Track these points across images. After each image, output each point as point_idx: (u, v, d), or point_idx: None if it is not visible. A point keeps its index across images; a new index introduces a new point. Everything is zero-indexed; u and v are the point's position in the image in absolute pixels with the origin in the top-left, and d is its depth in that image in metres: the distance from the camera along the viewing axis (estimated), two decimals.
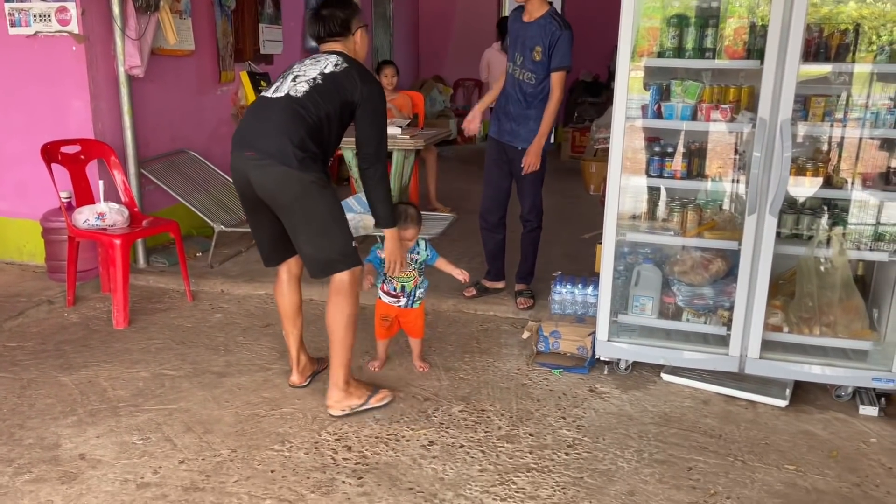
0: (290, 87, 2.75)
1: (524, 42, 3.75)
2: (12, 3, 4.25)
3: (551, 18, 3.69)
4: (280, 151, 2.64)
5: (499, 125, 3.95)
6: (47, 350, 3.52)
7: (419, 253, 3.26)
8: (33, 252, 4.58)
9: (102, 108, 4.43)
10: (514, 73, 3.80)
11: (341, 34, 2.91)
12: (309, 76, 2.77)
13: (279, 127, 2.67)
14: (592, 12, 9.92)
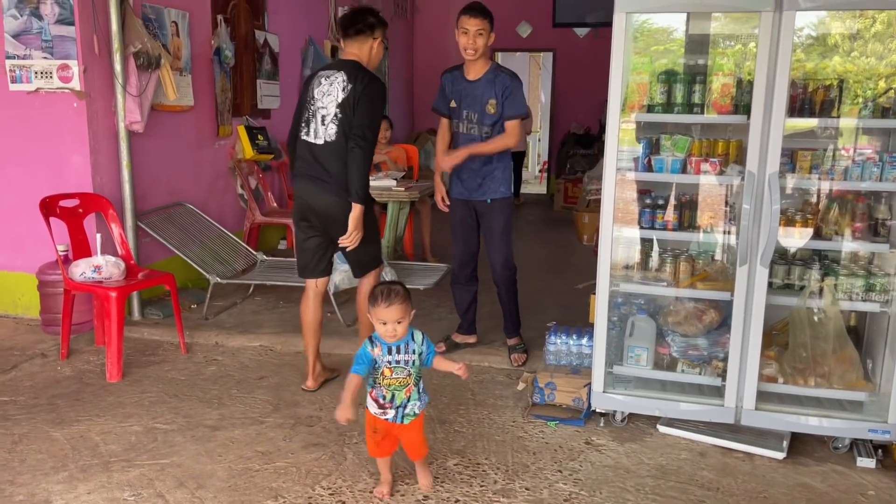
0: (324, 132, 3.42)
1: (474, 99, 3.78)
2: (14, 60, 4.34)
3: (499, 72, 3.76)
4: (335, 184, 3.40)
5: (462, 184, 3.91)
6: (40, 404, 3.49)
7: (414, 350, 2.64)
8: (28, 305, 4.58)
9: (102, 163, 4.49)
10: (470, 131, 3.82)
11: (363, 33, 3.52)
12: (331, 112, 3.41)
13: (329, 168, 3.42)
14: (583, 65, 10.19)
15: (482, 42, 3.70)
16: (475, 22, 3.68)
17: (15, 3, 4.28)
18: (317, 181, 3.43)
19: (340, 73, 3.44)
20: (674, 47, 3.67)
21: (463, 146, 3.82)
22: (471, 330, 4.24)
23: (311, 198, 3.46)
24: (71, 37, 4.25)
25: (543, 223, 8.79)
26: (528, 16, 10.59)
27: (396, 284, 2.68)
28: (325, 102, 3.42)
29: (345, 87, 3.39)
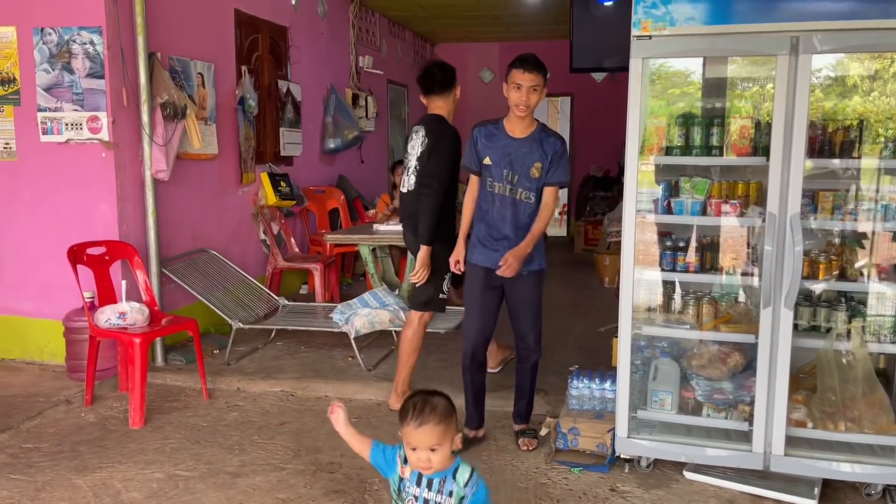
0: (408, 181, 3.90)
1: (517, 159, 3.35)
2: (45, 113, 4.47)
3: (548, 133, 3.41)
4: (412, 226, 3.87)
5: (490, 252, 3.40)
6: (63, 451, 3.51)
7: (452, 493, 2.01)
8: (54, 352, 4.63)
9: (128, 211, 4.58)
10: (509, 192, 3.37)
11: (449, 87, 3.90)
12: (412, 165, 3.87)
13: (410, 213, 3.88)
14: (601, 107, 10.28)
15: (535, 99, 3.34)
16: (530, 77, 3.33)
17: (47, 58, 4.43)
18: (405, 224, 3.99)
19: (421, 128, 3.87)
20: (691, 90, 3.70)
21: (499, 208, 3.38)
22: (482, 422, 3.68)
23: (404, 239, 4.09)
24: (101, 89, 4.39)
25: (564, 265, 8.76)
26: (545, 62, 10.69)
27: (437, 396, 2.06)
28: (411, 156, 3.90)
29: (423, 141, 3.81)
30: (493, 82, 11.04)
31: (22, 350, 4.75)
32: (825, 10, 2.88)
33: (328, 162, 7.62)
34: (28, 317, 4.72)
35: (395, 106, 9.86)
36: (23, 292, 4.70)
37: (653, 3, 3.02)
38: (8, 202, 4.64)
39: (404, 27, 9.83)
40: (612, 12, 7.30)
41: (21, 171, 4.59)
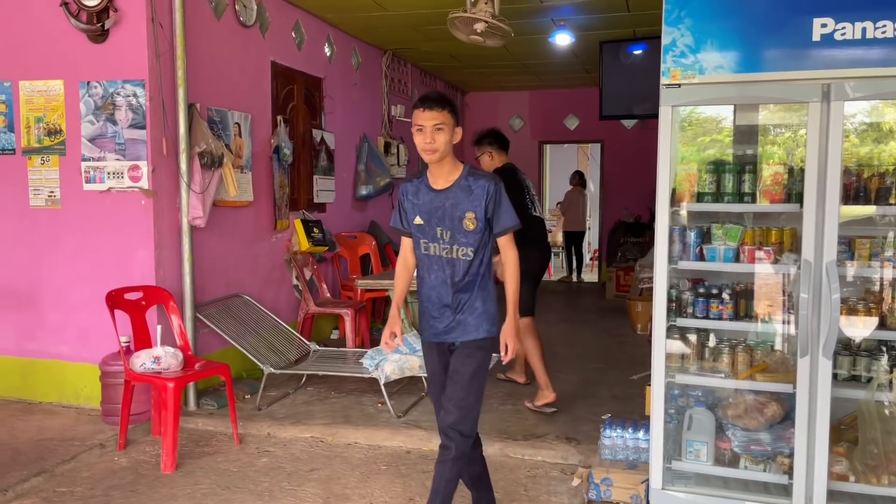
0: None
1: (444, 213, 2.90)
2: (89, 162, 4.62)
3: (475, 176, 2.92)
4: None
5: (434, 325, 2.97)
6: (96, 496, 3.53)
7: None
8: (90, 395, 4.69)
9: (165, 257, 4.68)
10: (443, 253, 2.91)
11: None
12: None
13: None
14: (631, 155, 10.31)
15: (444, 139, 2.84)
16: (431, 115, 2.84)
17: (92, 111, 4.60)
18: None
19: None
20: (721, 137, 3.70)
21: (436, 272, 2.94)
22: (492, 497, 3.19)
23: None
24: (142, 139, 4.53)
25: (596, 312, 8.69)
26: (575, 109, 10.85)
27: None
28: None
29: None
30: (523, 130, 11.16)
31: (59, 394, 4.83)
32: (856, 57, 2.87)
33: (360, 208, 7.72)
34: (66, 360, 4.80)
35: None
36: (62, 336, 4.80)
37: (682, 52, 3.05)
38: (51, 249, 4.77)
39: (435, 77, 10.02)
40: (641, 60, 7.40)
41: (64, 219, 4.73)
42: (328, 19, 6.79)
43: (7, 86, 4.74)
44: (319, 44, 6.77)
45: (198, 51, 4.89)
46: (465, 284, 2.90)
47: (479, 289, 2.92)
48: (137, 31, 4.49)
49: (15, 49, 4.71)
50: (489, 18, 4.77)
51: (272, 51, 5.93)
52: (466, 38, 4.97)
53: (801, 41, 2.92)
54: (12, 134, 4.76)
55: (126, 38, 4.51)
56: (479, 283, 2.93)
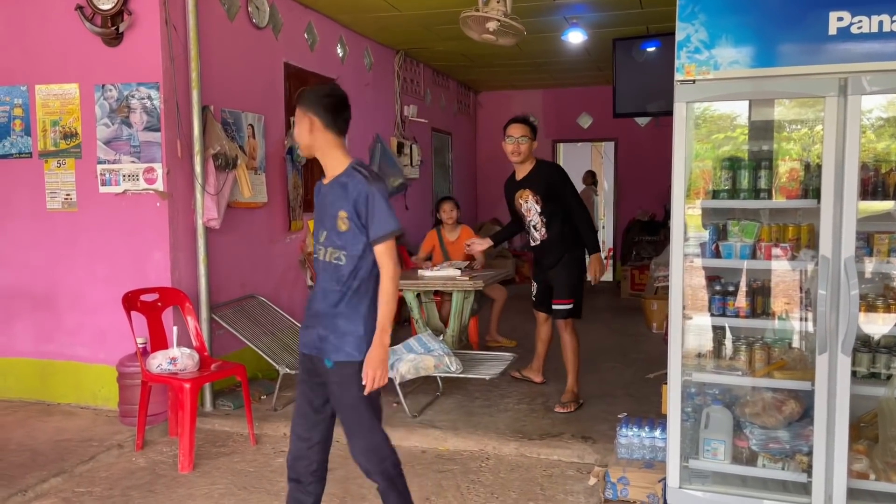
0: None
1: (324, 210, 2.68)
2: (104, 165, 4.66)
3: (355, 172, 2.61)
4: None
5: (305, 330, 2.74)
6: (114, 496, 3.56)
7: None
8: (108, 396, 4.73)
9: (180, 258, 4.71)
10: (322, 255, 2.67)
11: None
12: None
13: None
14: (645, 153, 10.26)
15: (302, 129, 2.66)
16: (297, 110, 2.69)
17: (108, 113, 4.64)
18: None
19: None
20: (736, 134, 3.68)
21: (319, 277, 2.72)
22: None
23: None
24: (157, 142, 4.56)
25: (611, 311, 8.65)
26: (588, 107, 10.81)
27: None
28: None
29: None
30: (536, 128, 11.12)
31: (77, 395, 4.87)
32: (873, 50, 2.84)
33: None
34: (84, 362, 4.84)
35: (440, 153, 9.99)
36: (79, 338, 4.84)
37: (696, 47, 3.02)
38: (68, 251, 4.82)
39: (448, 76, 10.02)
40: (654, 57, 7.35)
41: (80, 221, 4.76)
42: (341, 20, 6.80)
43: (23, 90, 4.79)
44: (332, 45, 6.79)
45: (211, 53, 4.91)
46: (334, 293, 2.61)
47: (345, 304, 2.59)
48: (151, 33, 4.52)
49: (31, 53, 4.75)
50: (501, 17, 4.76)
51: (285, 52, 5.95)
52: (479, 37, 4.96)
53: (816, 35, 2.89)
54: (29, 137, 4.81)
55: (140, 41, 4.54)
56: (348, 297, 2.59)
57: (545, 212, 4.71)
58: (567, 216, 4.70)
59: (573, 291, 4.75)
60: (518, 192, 4.80)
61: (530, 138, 4.73)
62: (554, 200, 4.69)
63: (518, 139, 4.70)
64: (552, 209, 4.69)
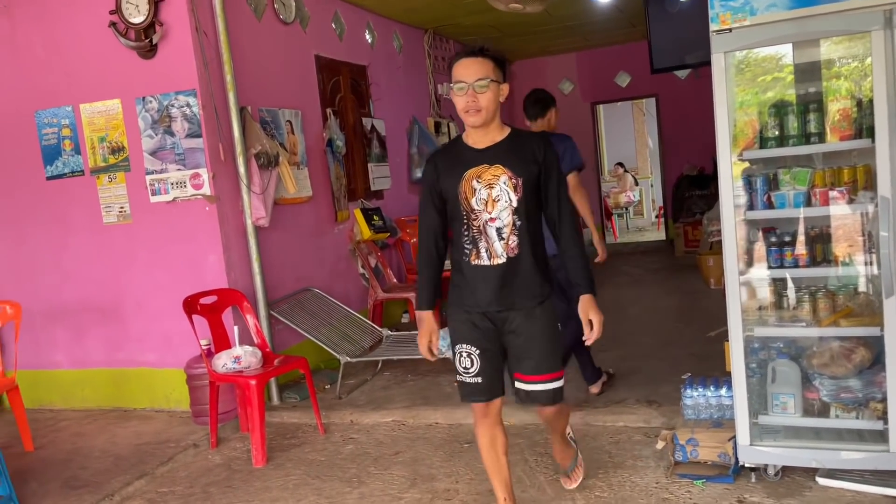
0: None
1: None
2: (152, 175, 4.78)
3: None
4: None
5: None
6: (195, 493, 3.69)
7: None
8: (179, 399, 4.89)
9: (234, 259, 4.81)
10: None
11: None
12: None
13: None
14: (688, 106, 9.99)
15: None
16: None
17: (150, 125, 4.74)
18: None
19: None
20: (783, 75, 3.54)
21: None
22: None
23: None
24: (199, 148, 4.65)
25: (666, 270, 8.53)
26: (625, 66, 10.57)
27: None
28: None
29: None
30: (573, 92, 10.95)
31: (150, 399, 5.05)
32: None
33: (417, 191, 7.74)
34: (153, 367, 5.01)
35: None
36: (147, 345, 5.01)
37: None
38: (127, 262, 4.97)
39: None
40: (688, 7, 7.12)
41: (136, 232, 4.91)
42: (366, 5, 6.79)
43: (69, 110, 4.93)
44: (360, 32, 6.79)
45: (243, 54, 4.97)
46: None
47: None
48: (184, 42, 4.59)
49: (73, 75, 4.88)
50: None
51: (314, 45, 5.98)
52: (506, 6, 4.90)
53: None
54: (79, 156, 4.96)
55: (174, 51, 4.62)
56: None
57: (522, 209, 2.68)
58: (540, 224, 2.81)
59: (561, 353, 2.94)
60: (474, 169, 2.69)
61: (496, 81, 2.64)
62: (536, 192, 2.74)
63: (474, 85, 2.61)
64: (532, 207, 2.73)
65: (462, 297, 2.78)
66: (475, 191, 2.68)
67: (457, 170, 2.72)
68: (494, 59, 2.67)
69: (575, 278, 2.75)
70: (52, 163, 5.02)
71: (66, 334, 5.20)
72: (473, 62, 2.64)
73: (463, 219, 2.73)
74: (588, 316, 2.70)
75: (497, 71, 2.66)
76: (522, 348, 2.77)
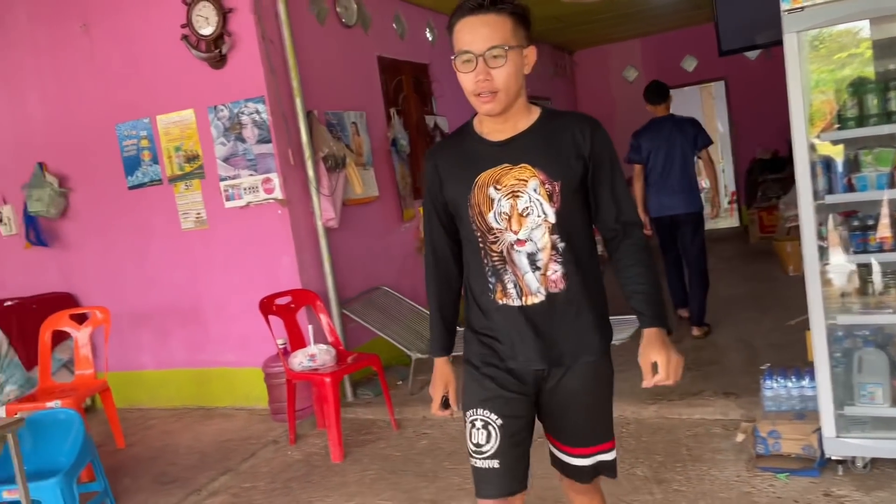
0: None
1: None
2: (226, 181, 4.94)
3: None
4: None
5: None
6: (277, 488, 3.81)
7: None
8: (258, 397, 5.05)
9: (306, 260, 4.93)
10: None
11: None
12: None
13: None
14: (759, 88, 9.68)
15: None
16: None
17: (222, 132, 4.90)
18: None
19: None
20: (859, 51, 3.39)
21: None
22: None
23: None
24: (270, 153, 4.78)
25: (741, 258, 8.28)
26: (691, 49, 10.31)
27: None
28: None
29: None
30: (638, 80, 10.74)
31: (231, 398, 5.23)
32: None
33: None
34: (233, 367, 5.19)
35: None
36: (226, 345, 5.18)
37: None
38: (206, 266, 5.16)
39: (540, 41, 9.83)
40: None
41: (212, 237, 5.08)
42: (426, 4, 6.82)
43: (147, 122, 5.15)
44: (420, 30, 6.83)
45: (308, 59, 5.07)
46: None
47: None
48: (251, 51, 4.72)
49: (149, 88, 5.09)
50: None
51: (376, 46, 6.05)
52: None
53: None
54: (157, 165, 5.17)
55: (242, 60, 4.76)
56: None
57: (564, 225, 1.92)
58: (592, 240, 2.04)
59: (611, 420, 2.16)
60: (490, 171, 1.94)
61: (518, 46, 1.85)
62: (584, 199, 1.97)
63: (485, 56, 1.85)
64: (578, 220, 1.97)
65: (489, 346, 2.02)
66: (493, 202, 1.88)
67: (466, 173, 1.93)
68: (514, 13, 1.83)
69: (638, 305, 1.93)
70: (132, 173, 5.25)
71: (150, 337, 5.43)
72: (482, 22, 1.81)
73: (478, 241, 1.94)
74: (651, 357, 1.89)
75: (518, 30, 1.84)
76: (562, 412, 2.02)
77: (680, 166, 5.28)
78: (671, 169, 5.28)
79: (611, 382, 2.08)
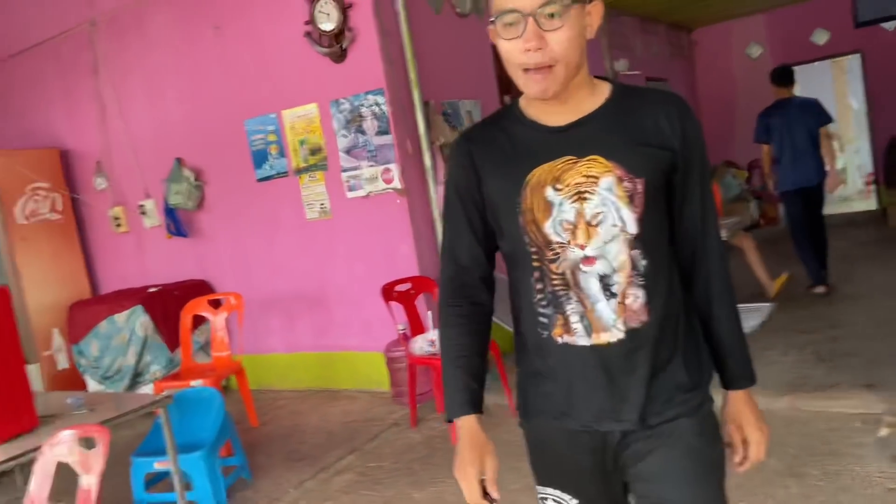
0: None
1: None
2: (348, 172, 5.11)
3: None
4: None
5: None
6: (400, 468, 3.93)
7: None
8: (380, 380, 5.22)
9: (424, 248, 5.04)
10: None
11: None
12: None
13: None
14: None
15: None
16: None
17: (343, 125, 5.07)
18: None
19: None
20: None
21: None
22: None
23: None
24: (388, 144, 4.91)
25: (877, 243, 7.74)
26: (822, 21, 9.68)
27: None
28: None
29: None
30: (763, 57, 10.21)
31: (355, 381, 5.43)
32: None
33: None
34: (356, 351, 5.38)
35: None
36: (350, 330, 5.38)
37: None
38: (330, 254, 5.37)
39: (656, 21, 9.54)
40: None
41: (335, 227, 5.28)
42: None
43: (273, 117, 5.40)
44: None
45: (424, 50, 5.15)
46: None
47: None
48: (370, 44, 4.85)
49: (276, 84, 5.34)
50: None
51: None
52: None
53: None
54: (284, 158, 5.41)
55: (362, 54, 4.90)
56: None
57: (649, 237, 1.44)
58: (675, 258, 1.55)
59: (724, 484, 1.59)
60: (547, 165, 1.44)
61: (578, 1, 1.37)
62: (667, 201, 1.49)
63: (536, 15, 1.36)
64: (663, 232, 1.50)
65: (548, 398, 1.58)
66: (552, 207, 1.44)
67: (513, 168, 1.47)
68: None
69: (725, 357, 1.61)
70: (260, 166, 5.53)
71: (279, 321, 5.72)
72: None
73: (532, 258, 1.50)
74: (744, 431, 1.58)
75: None
76: (656, 490, 1.51)
77: (809, 142, 5.77)
78: (801, 145, 5.77)
79: (718, 439, 1.56)
